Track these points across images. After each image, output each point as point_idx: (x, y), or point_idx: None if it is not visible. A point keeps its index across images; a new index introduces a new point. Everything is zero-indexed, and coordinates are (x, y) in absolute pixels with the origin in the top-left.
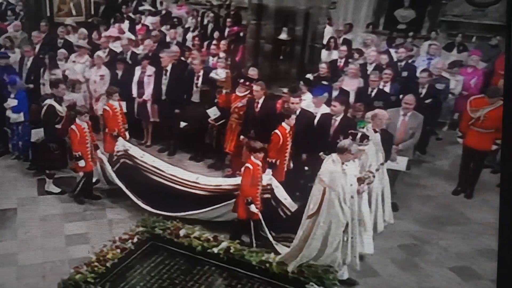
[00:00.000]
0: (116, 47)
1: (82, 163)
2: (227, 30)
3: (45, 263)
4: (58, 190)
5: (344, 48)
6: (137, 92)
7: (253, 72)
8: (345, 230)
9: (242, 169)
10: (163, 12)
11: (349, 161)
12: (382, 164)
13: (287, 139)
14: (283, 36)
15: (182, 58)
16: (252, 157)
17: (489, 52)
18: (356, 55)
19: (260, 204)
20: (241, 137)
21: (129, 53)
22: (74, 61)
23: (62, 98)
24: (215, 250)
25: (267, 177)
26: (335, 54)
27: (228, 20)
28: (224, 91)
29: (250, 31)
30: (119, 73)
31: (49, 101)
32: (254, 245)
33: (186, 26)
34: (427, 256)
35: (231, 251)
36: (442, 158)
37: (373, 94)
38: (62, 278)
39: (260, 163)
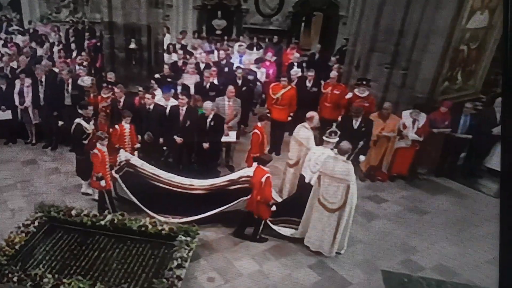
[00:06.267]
0: None
1: (103, 182)
2: (86, 42)
3: None
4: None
5: (181, 52)
6: (19, 101)
7: (111, 75)
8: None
9: (263, 179)
10: (31, 30)
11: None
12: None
13: (264, 136)
14: (132, 45)
15: (55, 69)
16: (266, 169)
17: (277, 49)
18: (188, 57)
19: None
20: (110, 129)
21: (8, 68)
22: None
23: (90, 118)
24: (102, 222)
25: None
26: (175, 57)
27: (86, 34)
28: (91, 94)
29: (105, 43)
30: (3, 86)
31: (77, 120)
32: (258, 236)
33: (51, 41)
34: None
35: (115, 221)
36: None
37: (207, 86)
38: None
39: (269, 170)
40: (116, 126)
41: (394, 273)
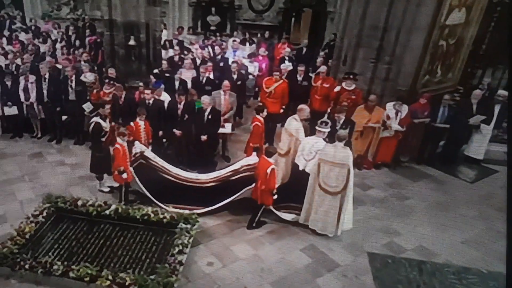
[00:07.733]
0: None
1: (124, 175)
2: (87, 39)
3: None
4: (108, 189)
5: (177, 47)
6: (24, 97)
7: (112, 71)
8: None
9: (269, 170)
10: (33, 27)
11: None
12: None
13: (263, 128)
14: (132, 42)
15: (58, 65)
16: (271, 160)
17: (268, 44)
18: (185, 52)
19: None
20: (112, 123)
21: (13, 66)
22: None
23: (107, 116)
24: (107, 212)
25: (254, 159)
26: (171, 52)
27: (87, 31)
28: (94, 90)
29: (105, 40)
30: (9, 83)
31: (95, 119)
32: (255, 223)
33: (54, 38)
34: None
35: (119, 211)
36: None
37: (204, 81)
38: None
39: (274, 161)
40: (131, 123)
41: (379, 254)
